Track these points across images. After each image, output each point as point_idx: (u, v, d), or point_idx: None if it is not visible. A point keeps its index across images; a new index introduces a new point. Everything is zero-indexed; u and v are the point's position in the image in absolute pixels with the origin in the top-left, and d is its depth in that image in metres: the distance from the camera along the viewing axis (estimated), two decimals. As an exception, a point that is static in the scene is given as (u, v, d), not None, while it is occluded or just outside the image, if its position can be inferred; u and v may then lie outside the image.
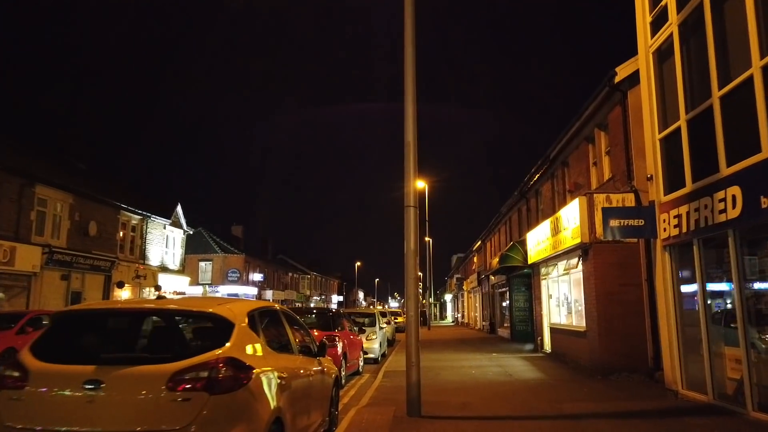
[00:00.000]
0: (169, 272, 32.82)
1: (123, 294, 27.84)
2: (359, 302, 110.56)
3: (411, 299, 7.68)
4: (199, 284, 43.91)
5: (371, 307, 57.73)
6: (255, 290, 49.97)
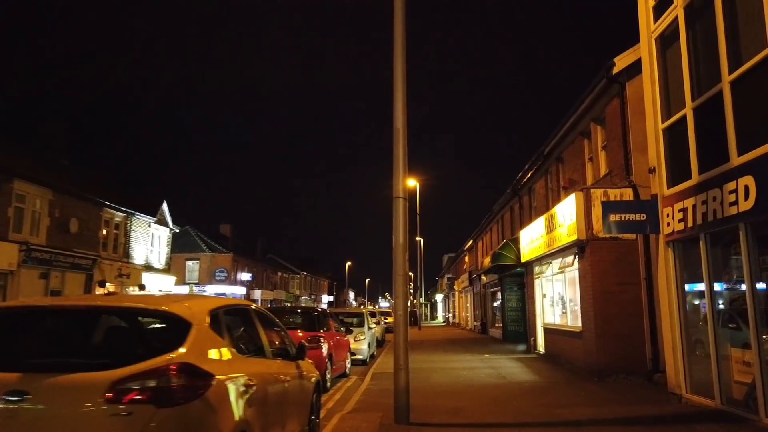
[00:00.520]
0: (154, 271, 32.09)
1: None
2: (349, 302, 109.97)
3: (400, 298, 7.11)
4: (186, 284, 43.14)
5: (362, 307, 57.10)
6: (243, 290, 49.22)
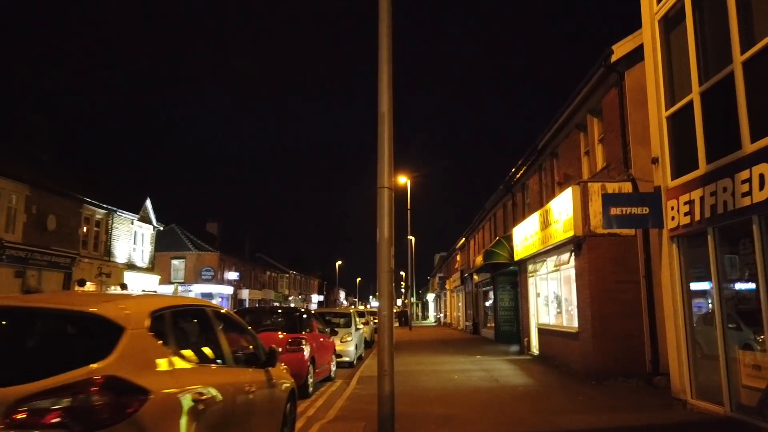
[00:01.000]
0: (137, 270, 31.27)
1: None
2: (340, 302, 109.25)
3: (385, 297, 6.48)
4: (172, 283, 42.25)
5: (352, 307, 56.37)
6: (231, 289, 48.40)
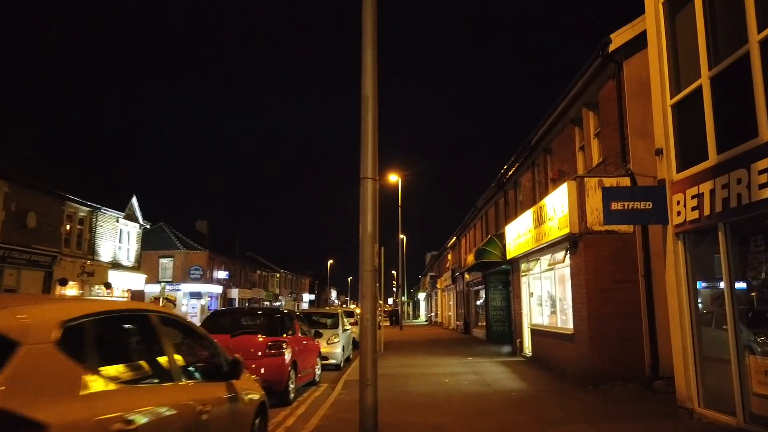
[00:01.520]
0: (122, 269, 30.49)
1: (69, 292, 25.57)
2: (332, 301, 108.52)
3: (367, 298, 5.89)
4: (159, 282, 41.44)
5: (341, 306, 55.68)
6: (220, 288, 47.63)
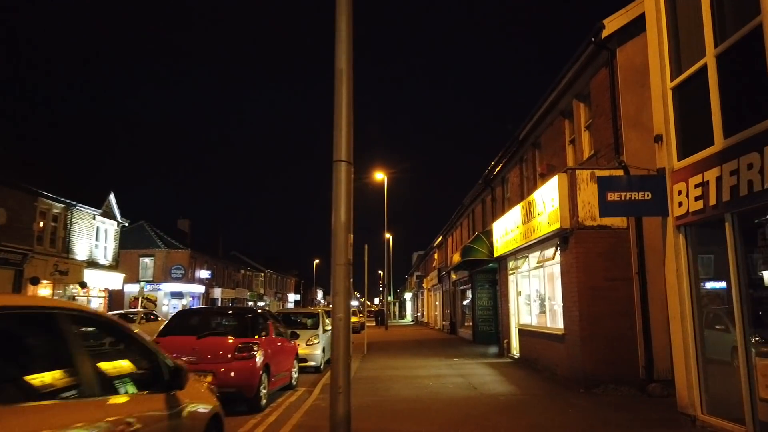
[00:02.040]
0: (99, 268, 29.57)
1: (41, 291, 24.64)
2: (317, 301, 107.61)
3: (340, 294, 5.25)
4: (140, 281, 40.44)
5: (320, 305, 54.89)
6: (202, 288, 46.66)
